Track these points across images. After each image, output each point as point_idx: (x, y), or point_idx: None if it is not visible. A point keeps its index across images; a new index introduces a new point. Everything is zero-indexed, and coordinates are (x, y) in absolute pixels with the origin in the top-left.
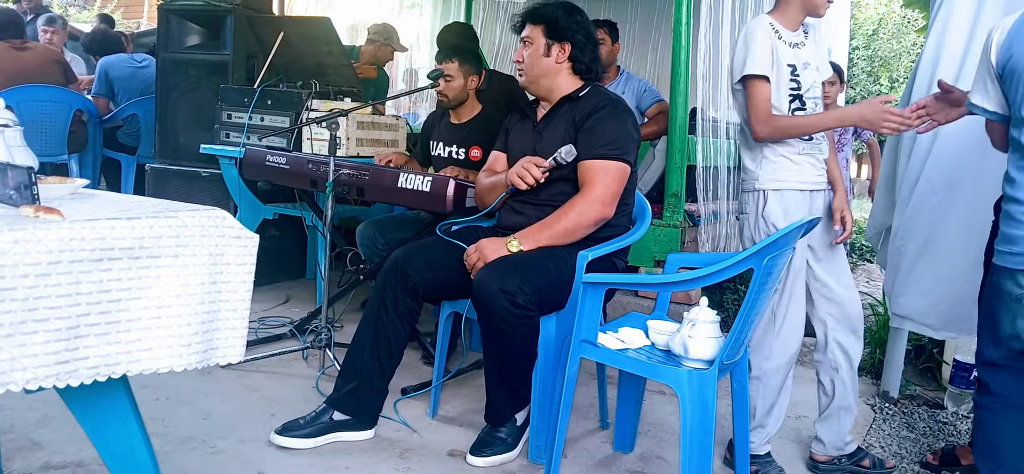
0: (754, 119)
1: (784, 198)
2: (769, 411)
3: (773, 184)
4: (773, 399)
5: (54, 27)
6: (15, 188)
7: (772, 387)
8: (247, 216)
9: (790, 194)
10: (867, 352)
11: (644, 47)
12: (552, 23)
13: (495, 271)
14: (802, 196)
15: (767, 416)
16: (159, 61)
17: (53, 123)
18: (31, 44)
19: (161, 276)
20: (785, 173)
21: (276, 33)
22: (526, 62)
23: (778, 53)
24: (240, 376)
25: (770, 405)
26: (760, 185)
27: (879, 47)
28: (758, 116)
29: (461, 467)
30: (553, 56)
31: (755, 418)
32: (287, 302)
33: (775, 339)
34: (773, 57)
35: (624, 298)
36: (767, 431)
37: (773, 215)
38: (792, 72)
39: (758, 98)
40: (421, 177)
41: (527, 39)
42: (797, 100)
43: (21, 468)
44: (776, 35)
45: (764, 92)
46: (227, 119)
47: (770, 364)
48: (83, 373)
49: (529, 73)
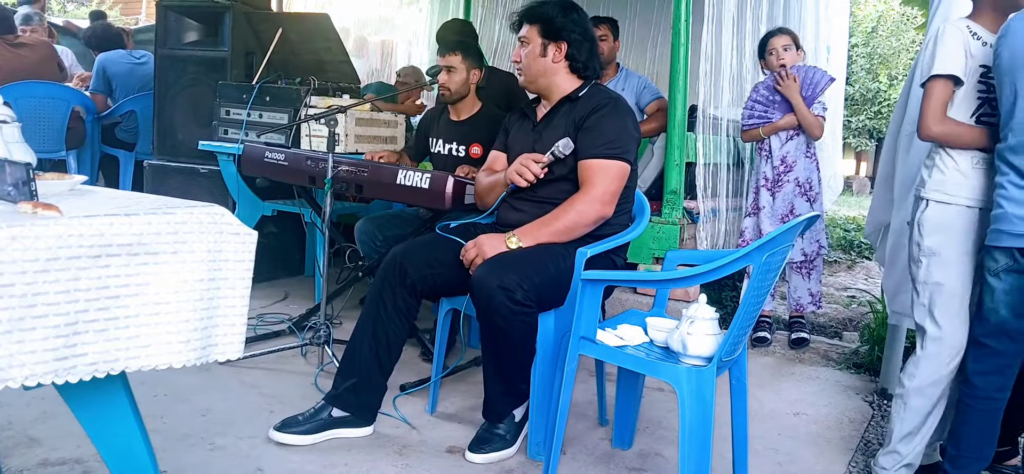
0: (926, 115)
1: (945, 212)
2: (906, 437)
3: (936, 195)
4: (914, 423)
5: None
6: (13, 184)
7: (914, 410)
8: (245, 213)
9: (954, 209)
10: (866, 349)
11: (643, 44)
12: (548, 23)
13: (494, 267)
14: (970, 214)
15: (902, 441)
16: (157, 57)
17: (51, 119)
18: (27, 40)
19: (159, 273)
20: (953, 187)
21: (274, 29)
22: (524, 62)
23: (972, 51)
24: (239, 373)
25: (908, 430)
26: (925, 193)
27: (878, 44)
28: (931, 114)
29: (460, 464)
30: (549, 56)
31: (889, 441)
32: (286, 299)
33: (922, 354)
34: (966, 57)
35: (623, 295)
36: (901, 458)
37: (928, 225)
38: (983, 74)
39: (935, 98)
40: (420, 174)
41: (524, 39)
42: (987, 105)
43: (19, 465)
44: (973, 36)
45: (943, 93)
46: (225, 116)
47: (914, 383)
48: (82, 370)
49: (527, 73)
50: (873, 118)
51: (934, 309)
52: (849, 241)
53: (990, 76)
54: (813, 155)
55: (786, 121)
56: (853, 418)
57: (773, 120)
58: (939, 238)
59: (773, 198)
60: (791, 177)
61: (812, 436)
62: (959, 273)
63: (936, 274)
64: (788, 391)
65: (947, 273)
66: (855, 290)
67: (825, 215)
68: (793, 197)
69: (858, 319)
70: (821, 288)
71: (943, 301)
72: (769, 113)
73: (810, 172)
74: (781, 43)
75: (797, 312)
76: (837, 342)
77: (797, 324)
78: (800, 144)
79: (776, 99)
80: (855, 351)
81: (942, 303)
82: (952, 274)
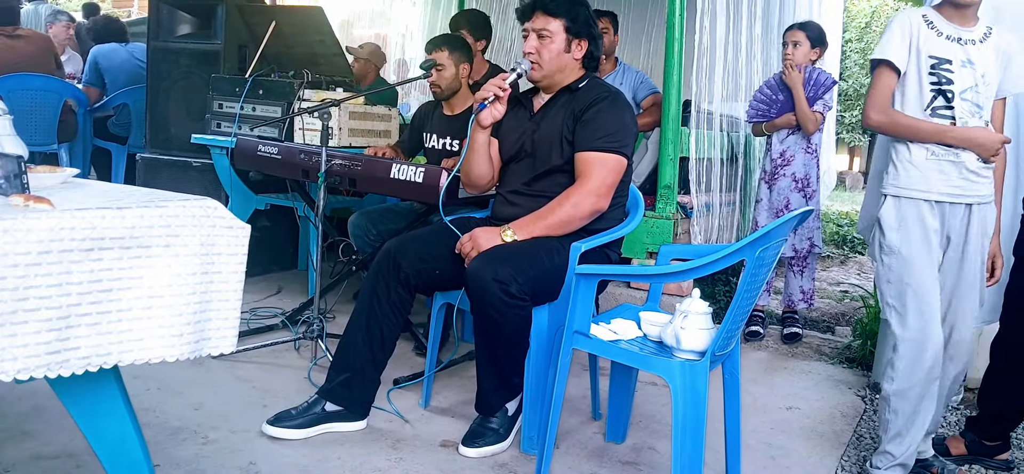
0: (869, 104)
1: (900, 206)
2: (895, 438)
3: (892, 190)
4: (900, 425)
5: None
6: (5, 177)
7: (897, 412)
8: (238, 206)
9: (908, 203)
10: (858, 344)
11: (638, 39)
12: (573, 19)
13: (488, 260)
14: (927, 207)
15: (892, 442)
16: (150, 50)
17: (43, 112)
18: (24, 31)
19: (152, 266)
20: (907, 179)
21: (268, 22)
22: (544, 57)
23: (919, 43)
24: (232, 367)
25: (897, 431)
26: (883, 188)
27: (872, 40)
28: (873, 102)
29: (453, 457)
30: (572, 52)
31: (881, 441)
32: (279, 293)
33: (896, 356)
34: (912, 47)
35: (617, 289)
36: (893, 458)
37: (886, 221)
38: (935, 65)
39: (878, 85)
40: (414, 168)
41: (544, 32)
42: (941, 96)
43: (12, 458)
44: (928, 25)
45: (887, 80)
46: (218, 109)
47: (893, 387)
48: (74, 363)
49: (547, 68)
50: None
51: (902, 309)
52: (842, 236)
53: (944, 68)
54: (814, 152)
55: (783, 120)
56: (845, 412)
57: (771, 117)
58: (899, 235)
59: (770, 191)
60: (788, 171)
61: (805, 430)
62: (922, 269)
63: (899, 272)
64: (781, 386)
65: (910, 270)
66: (848, 285)
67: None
68: (789, 192)
69: (851, 314)
70: (814, 286)
71: (910, 300)
72: (770, 111)
73: (809, 168)
74: (793, 37)
75: (790, 307)
76: (830, 337)
77: (790, 319)
78: (800, 139)
79: (778, 98)
80: (848, 346)
81: (909, 302)
82: (916, 271)
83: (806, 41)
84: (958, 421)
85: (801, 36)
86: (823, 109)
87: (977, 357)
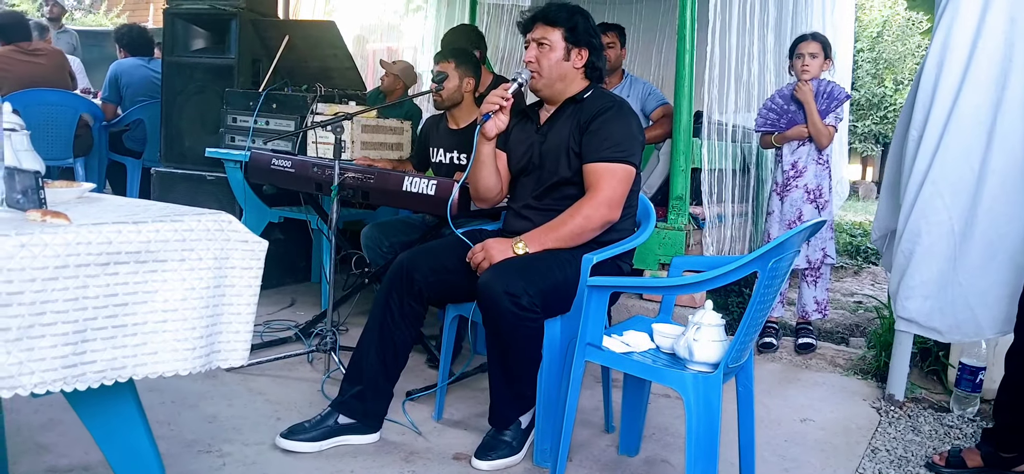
0: None
1: None
2: None
3: None
4: None
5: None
6: (22, 192)
7: None
8: (252, 220)
9: None
10: (873, 355)
11: (648, 50)
12: (572, 28)
13: (500, 273)
14: None
15: None
16: (164, 64)
17: (59, 127)
18: (42, 47)
19: (167, 280)
20: None
21: (281, 37)
22: (544, 65)
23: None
24: (245, 379)
25: None
26: None
27: (883, 49)
28: None
29: (466, 470)
30: (572, 61)
31: None
32: (292, 305)
33: None
34: None
35: (629, 301)
36: None
37: None
38: None
39: None
40: (426, 181)
41: (543, 41)
42: None
43: (27, 471)
44: None
45: None
46: (232, 123)
47: None
48: (90, 377)
49: (547, 76)
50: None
51: None
52: (855, 246)
53: None
54: (825, 163)
55: (795, 132)
56: (860, 424)
57: (781, 128)
58: None
59: (782, 202)
60: (800, 182)
61: (819, 442)
62: None
63: None
64: (795, 397)
65: None
66: (862, 295)
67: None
68: (801, 203)
69: (865, 325)
70: (828, 296)
71: None
72: (780, 122)
73: (821, 179)
74: (809, 49)
75: (803, 318)
76: (844, 348)
77: (803, 330)
78: (812, 150)
79: (789, 109)
80: (862, 357)
81: None
82: None
83: (821, 52)
84: (974, 433)
85: (817, 47)
86: (835, 122)
87: (993, 368)
